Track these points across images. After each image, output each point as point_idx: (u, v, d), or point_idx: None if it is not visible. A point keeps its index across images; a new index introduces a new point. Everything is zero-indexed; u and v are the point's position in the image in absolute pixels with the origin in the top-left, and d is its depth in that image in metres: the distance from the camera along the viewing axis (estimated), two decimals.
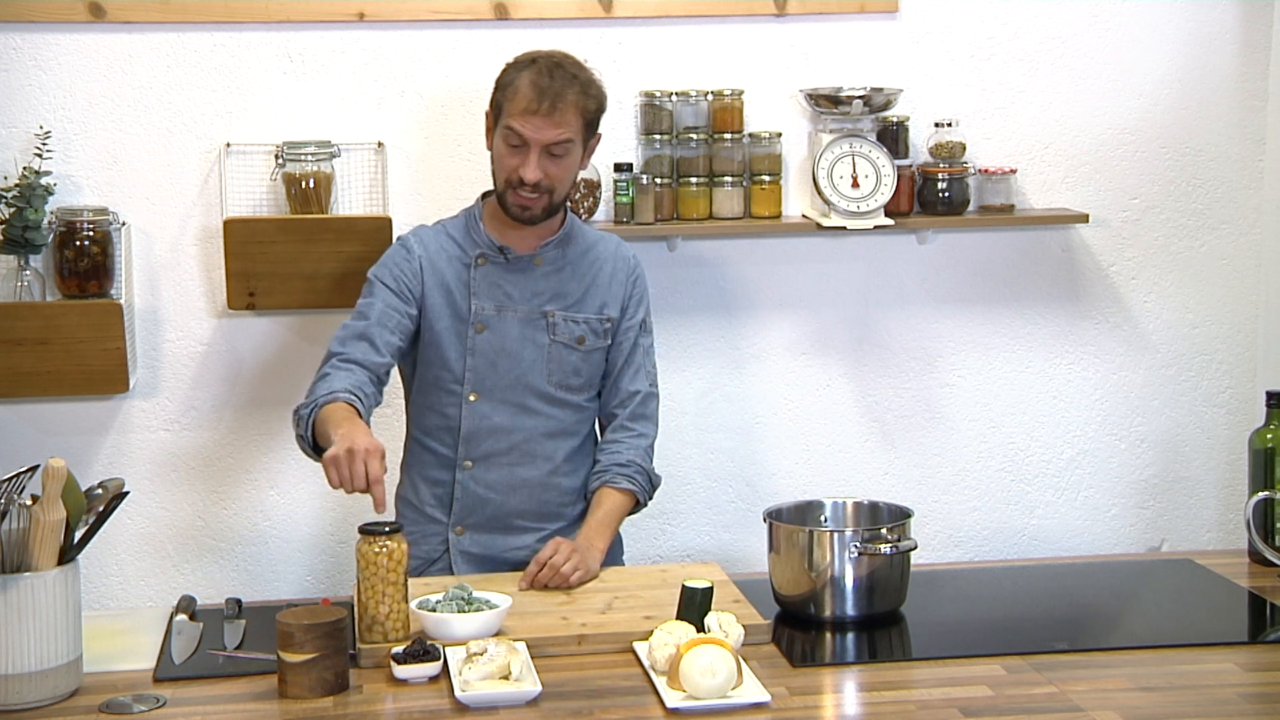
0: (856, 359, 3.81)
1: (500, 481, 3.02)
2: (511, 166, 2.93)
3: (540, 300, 3.01)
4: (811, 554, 2.66)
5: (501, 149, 2.95)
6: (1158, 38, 3.78)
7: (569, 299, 3.02)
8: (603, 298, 3.04)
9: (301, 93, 3.57)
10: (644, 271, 3.14)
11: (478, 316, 2.99)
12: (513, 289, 3.01)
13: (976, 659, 2.49)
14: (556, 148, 2.91)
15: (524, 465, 3.01)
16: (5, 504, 2.31)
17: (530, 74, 2.92)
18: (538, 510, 3.03)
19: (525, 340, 3.00)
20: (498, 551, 3.02)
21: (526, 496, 3.02)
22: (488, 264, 3.01)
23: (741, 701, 2.28)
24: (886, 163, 3.58)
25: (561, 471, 3.03)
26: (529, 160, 2.90)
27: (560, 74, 2.92)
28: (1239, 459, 3.79)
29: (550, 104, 2.88)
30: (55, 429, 3.58)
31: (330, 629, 2.35)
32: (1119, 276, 3.85)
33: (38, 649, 2.32)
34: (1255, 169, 3.84)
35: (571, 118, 2.91)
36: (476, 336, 2.99)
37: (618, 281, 3.06)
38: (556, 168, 2.93)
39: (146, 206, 3.56)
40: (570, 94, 2.90)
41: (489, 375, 3.00)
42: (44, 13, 3.47)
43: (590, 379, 3.06)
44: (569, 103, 2.90)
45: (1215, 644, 2.55)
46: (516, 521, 3.02)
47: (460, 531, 3.03)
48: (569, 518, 3.04)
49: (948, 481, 3.86)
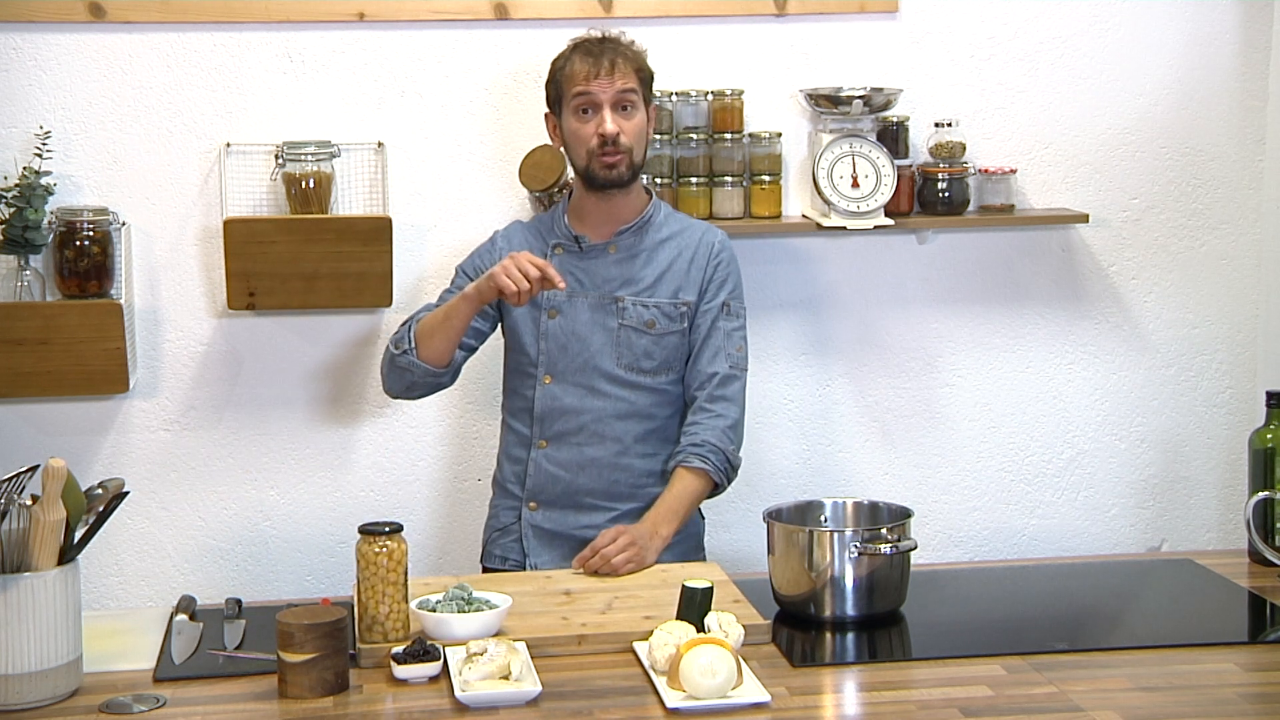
0: (856, 359, 3.81)
1: (570, 460, 3.11)
2: (589, 132, 3.06)
3: (611, 285, 3.11)
4: (811, 554, 2.66)
5: (574, 124, 3.08)
6: (1158, 38, 3.78)
7: (641, 284, 3.11)
8: (679, 283, 3.12)
9: (301, 93, 3.57)
10: (732, 257, 3.18)
11: (549, 302, 3.11)
12: (584, 276, 3.12)
13: (976, 659, 2.49)
14: (624, 99, 3.06)
15: (592, 445, 3.10)
16: (5, 504, 2.31)
17: (580, 50, 3.12)
18: (606, 490, 3.11)
19: (595, 325, 3.10)
20: (568, 528, 3.11)
21: (595, 475, 3.10)
22: (564, 253, 3.13)
23: (741, 701, 2.28)
24: (886, 163, 3.58)
25: (633, 453, 3.11)
26: (603, 115, 3.04)
27: (604, 42, 3.13)
28: (1239, 459, 3.79)
29: (609, 61, 3.06)
30: (55, 429, 3.58)
31: (330, 629, 2.35)
32: (1119, 276, 3.85)
33: (38, 649, 2.32)
34: (1255, 169, 3.84)
35: (630, 72, 3.08)
36: (549, 322, 3.11)
37: (696, 267, 3.13)
38: (629, 123, 3.06)
39: (146, 206, 3.56)
40: (621, 52, 3.10)
41: (560, 358, 3.11)
42: (44, 13, 3.47)
43: (666, 362, 3.12)
44: (624, 58, 3.08)
45: (1215, 644, 2.55)
46: (586, 500, 3.11)
47: (534, 507, 3.13)
48: (644, 499, 3.09)
49: (948, 481, 3.86)
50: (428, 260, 3.64)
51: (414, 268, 3.63)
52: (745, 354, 3.17)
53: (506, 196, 3.64)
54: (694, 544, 3.20)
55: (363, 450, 3.69)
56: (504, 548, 3.16)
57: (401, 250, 3.57)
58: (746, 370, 3.16)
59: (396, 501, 3.70)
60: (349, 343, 3.66)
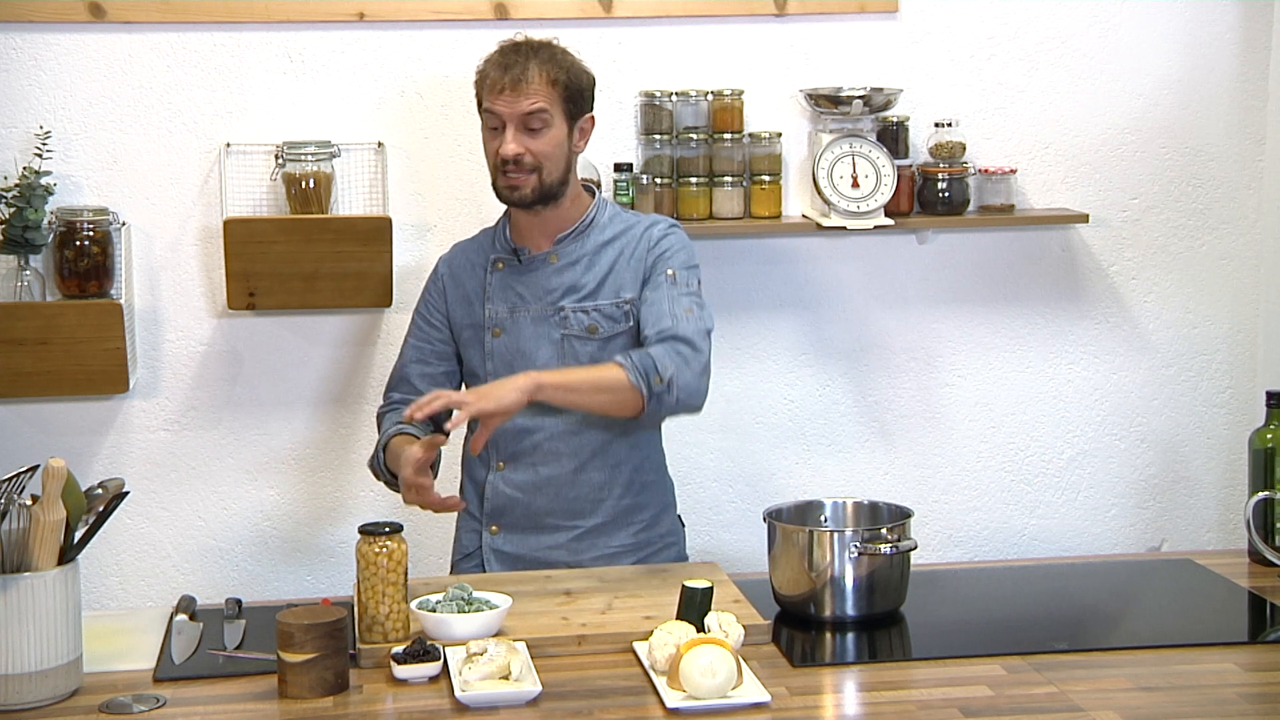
0: (856, 359, 3.81)
1: (526, 481, 3.00)
2: (493, 149, 2.94)
3: (554, 296, 2.99)
4: (811, 554, 2.66)
5: (485, 136, 2.98)
6: (1158, 38, 3.78)
7: (583, 291, 2.98)
8: (619, 282, 2.99)
9: (301, 93, 3.57)
10: (678, 241, 3.00)
11: (492, 321, 3.02)
12: (525, 289, 3.01)
13: (976, 659, 2.49)
14: (532, 119, 2.90)
15: (547, 464, 2.99)
16: (5, 504, 2.31)
17: (495, 57, 2.96)
18: (566, 508, 3.00)
19: (539, 338, 2.99)
20: (530, 550, 3.01)
21: (553, 495, 3.00)
22: (505, 268, 3.03)
23: (741, 701, 2.28)
24: (886, 163, 3.58)
25: (591, 467, 3.00)
26: (506, 135, 2.91)
27: (522, 49, 2.95)
28: (1239, 459, 3.80)
29: (515, 77, 2.90)
30: (55, 429, 3.58)
31: (330, 629, 2.35)
32: (1119, 276, 3.85)
33: (38, 649, 2.32)
34: (1255, 169, 3.84)
35: (539, 87, 2.90)
36: (494, 341, 3.02)
37: (636, 260, 2.99)
38: (537, 142, 2.91)
39: (146, 206, 3.56)
40: (533, 65, 2.92)
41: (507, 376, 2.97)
42: (44, 13, 3.47)
43: None
44: (533, 73, 2.91)
45: (1215, 644, 2.55)
46: (546, 520, 3.01)
47: (494, 531, 3.03)
48: (606, 513, 3.01)
49: (948, 481, 3.86)
50: (428, 260, 3.64)
51: (414, 268, 3.63)
52: (700, 315, 2.92)
53: None
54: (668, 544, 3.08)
55: (363, 450, 3.68)
56: (468, 573, 3.04)
57: (401, 250, 3.57)
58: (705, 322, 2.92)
59: (396, 501, 3.69)
60: (349, 343, 3.66)
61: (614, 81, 3.63)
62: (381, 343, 3.65)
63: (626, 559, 3.01)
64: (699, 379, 2.88)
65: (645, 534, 3.05)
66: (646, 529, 3.05)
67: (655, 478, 3.08)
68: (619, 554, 3.01)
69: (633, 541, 3.03)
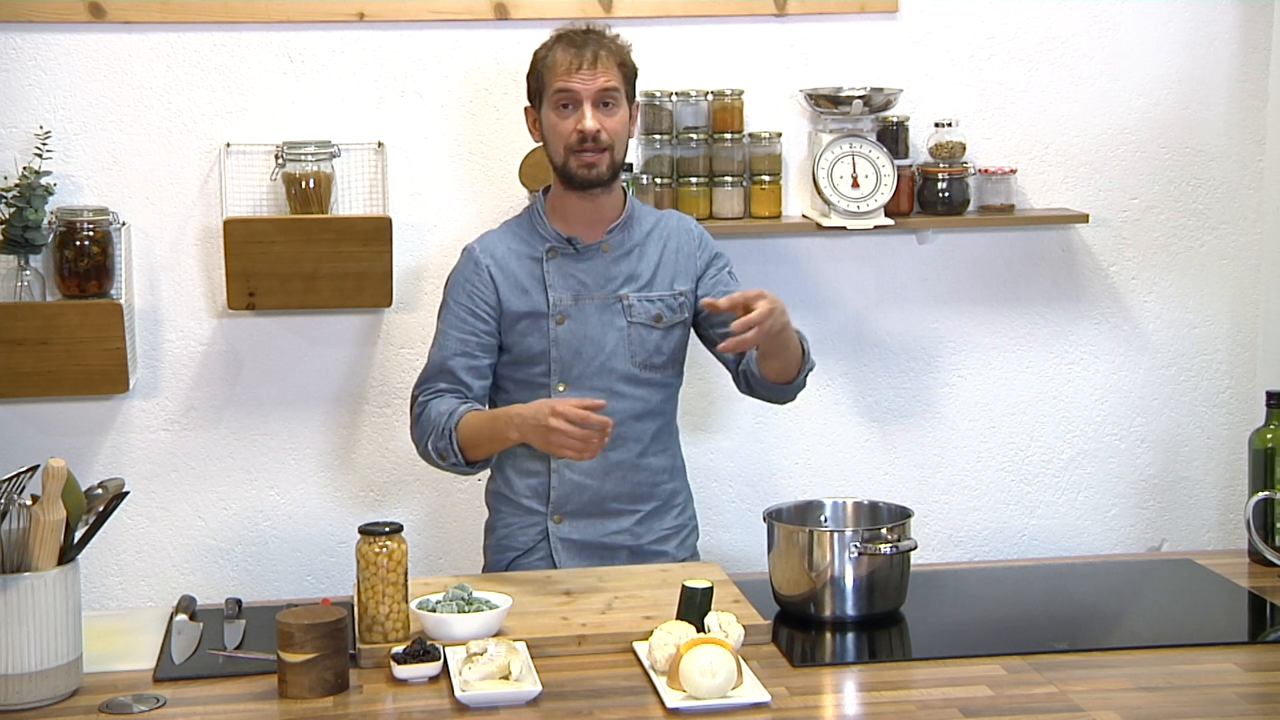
0: (856, 359, 3.81)
1: (594, 467, 3.03)
2: (568, 128, 2.96)
3: (614, 285, 3.04)
4: (811, 554, 2.66)
5: (553, 119, 2.99)
6: (1158, 38, 3.78)
7: (641, 280, 3.05)
8: (672, 273, 3.07)
9: (301, 93, 3.57)
10: (706, 233, 3.16)
11: (557, 308, 3.02)
12: (586, 277, 3.03)
13: (976, 659, 2.49)
14: (606, 96, 2.96)
15: (615, 449, 3.02)
16: (5, 504, 2.31)
17: (562, 42, 3.01)
18: (631, 492, 3.06)
19: (605, 325, 3.03)
20: (596, 536, 3.05)
21: (620, 479, 3.05)
22: (558, 256, 3.04)
23: (741, 701, 2.28)
24: (886, 163, 3.58)
25: (651, 451, 3.07)
26: (584, 112, 2.95)
27: (589, 33, 3.02)
28: (1239, 459, 3.80)
29: (591, 55, 2.96)
30: (55, 429, 3.58)
31: (330, 629, 2.35)
32: (1119, 276, 3.85)
33: (38, 649, 2.32)
34: (1255, 169, 3.84)
35: (612, 67, 2.98)
36: (558, 328, 3.02)
37: (685, 255, 3.09)
38: (610, 120, 2.97)
39: (146, 206, 3.56)
40: (605, 46, 2.99)
41: (574, 364, 3.02)
42: (44, 13, 3.47)
43: (672, 356, 3.08)
44: (607, 52, 2.98)
45: (1215, 644, 2.55)
46: (612, 505, 3.05)
47: (559, 520, 3.05)
48: (661, 496, 3.08)
49: (948, 481, 3.86)
50: (428, 260, 3.64)
51: (414, 268, 3.63)
52: None
53: (506, 196, 3.64)
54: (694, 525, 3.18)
55: (363, 450, 3.69)
56: (530, 567, 3.04)
57: (401, 250, 3.57)
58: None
59: (396, 501, 3.70)
60: (349, 343, 3.66)
61: None
62: (381, 343, 3.65)
63: (672, 540, 3.10)
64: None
65: (683, 516, 3.15)
66: (682, 511, 3.15)
67: (682, 461, 3.19)
68: (668, 536, 3.10)
69: (675, 524, 3.12)
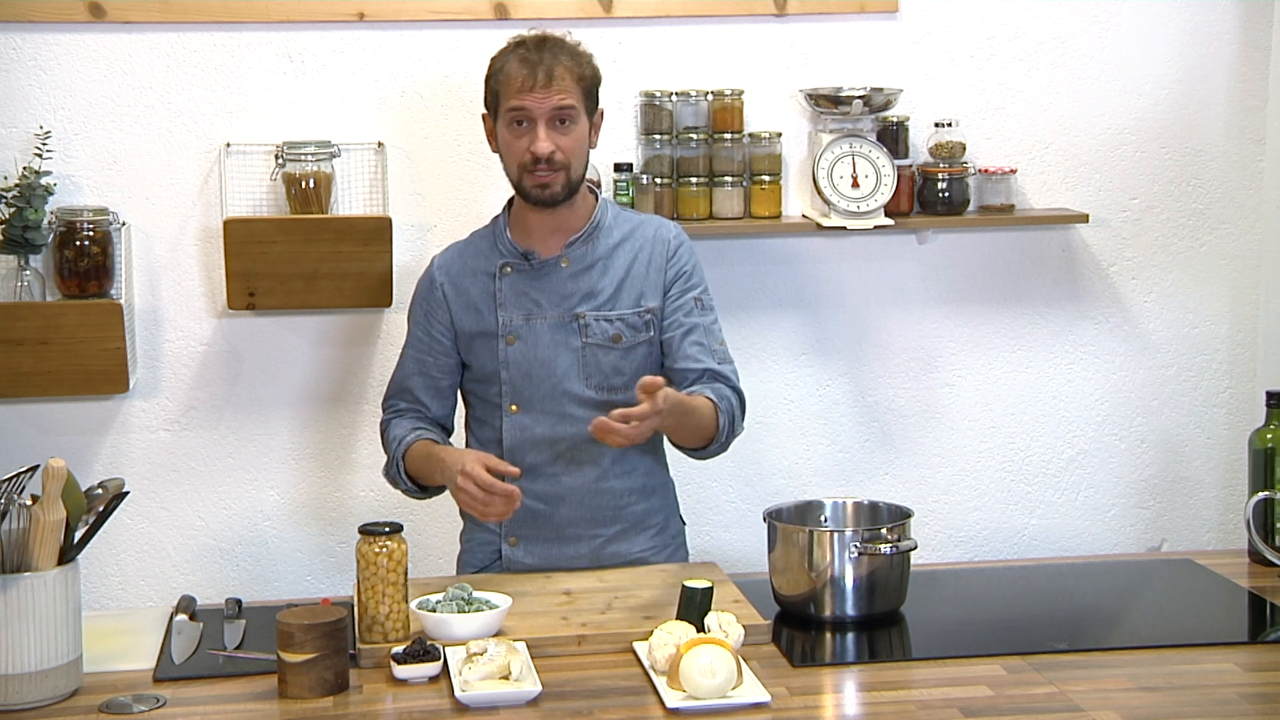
0: (856, 359, 3.81)
1: (548, 492, 2.94)
2: (521, 148, 2.87)
3: (570, 303, 2.92)
4: (811, 554, 2.66)
5: (508, 136, 2.90)
6: (1158, 38, 3.78)
7: (601, 297, 2.92)
8: (639, 289, 2.94)
9: (301, 93, 3.57)
10: (691, 248, 3.00)
11: (506, 328, 2.94)
12: (540, 295, 2.93)
13: (976, 659, 2.49)
14: (562, 113, 2.86)
15: (570, 474, 2.94)
16: (5, 504, 2.31)
17: (518, 54, 2.90)
18: (591, 517, 2.95)
19: (558, 346, 2.92)
20: (552, 562, 2.95)
21: (576, 505, 2.94)
22: (514, 273, 2.95)
23: (741, 701, 2.28)
24: (886, 163, 3.58)
25: (613, 474, 2.95)
26: (537, 133, 2.85)
27: (547, 45, 2.90)
28: (1239, 459, 3.80)
29: (545, 73, 2.85)
30: (55, 429, 3.58)
31: (330, 629, 2.35)
32: (1119, 276, 3.85)
33: (38, 649, 2.32)
34: (1255, 169, 3.84)
35: (569, 84, 2.87)
36: (508, 349, 2.94)
37: (655, 268, 2.95)
38: (566, 139, 2.87)
39: (146, 206, 3.56)
40: (561, 61, 2.88)
41: (525, 386, 2.94)
42: (44, 13, 3.47)
43: (635, 375, 2.87)
44: (563, 68, 2.87)
45: (1215, 644, 2.55)
46: (569, 530, 2.95)
47: (514, 543, 2.97)
48: (628, 519, 2.97)
49: (948, 481, 3.86)
50: (427, 260, 3.63)
51: (414, 268, 3.62)
52: (727, 348, 2.98)
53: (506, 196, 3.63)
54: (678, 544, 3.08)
55: (363, 450, 3.69)
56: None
57: (401, 250, 3.57)
58: (737, 375, 2.97)
59: (396, 501, 3.70)
60: (349, 343, 3.66)
61: (614, 81, 3.62)
62: (381, 343, 3.65)
63: (644, 565, 2.97)
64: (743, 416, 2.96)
65: (659, 537, 3.03)
66: (660, 532, 3.03)
67: (662, 479, 3.07)
68: (638, 560, 2.98)
69: (650, 545, 3.01)
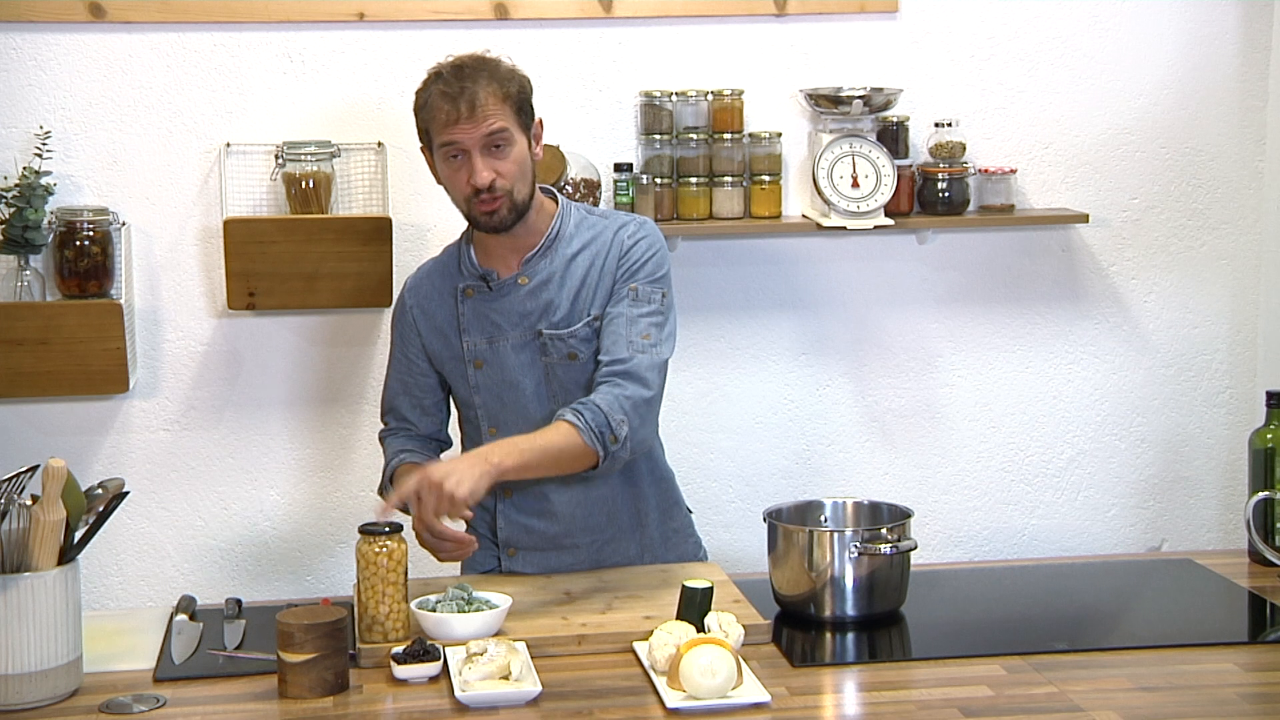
0: (856, 359, 3.81)
1: (537, 508, 2.93)
2: (462, 181, 2.80)
3: (530, 321, 2.87)
4: (811, 554, 2.66)
5: (446, 170, 2.83)
6: (1158, 38, 3.78)
7: (559, 312, 2.86)
8: (589, 298, 2.87)
9: (301, 93, 3.57)
10: (651, 243, 2.89)
11: (471, 353, 2.92)
12: (500, 318, 2.89)
13: (976, 659, 2.49)
14: (494, 139, 2.78)
15: (556, 490, 2.92)
16: (5, 504, 2.31)
17: (438, 87, 2.80)
18: (583, 525, 2.94)
19: (523, 367, 2.90)
20: (551, 569, 2.94)
21: (568, 518, 2.93)
22: (474, 295, 2.92)
23: (741, 701, 2.28)
24: (886, 163, 3.58)
25: (601, 482, 2.93)
26: (474, 164, 2.77)
27: (465, 72, 2.80)
28: (1239, 459, 3.80)
29: (469, 103, 2.75)
30: (55, 429, 3.58)
31: (330, 629, 2.35)
32: (1119, 276, 3.85)
33: (38, 649, 2.32)
34: (1255, 169, 3.84)
35: (495, 107, 2.76)
36: (476, 373, 2.92)
37: (606, 272, 2.87)
38: (504, 163, 2.78)
39: (146, 206, 3.56)
40: (481, 85, 2.78)
41: (498, 410, 2.93)
42: (44, 13, 3.47)
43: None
44: (485, 93, 2.77)
45: (1215, 644, 2.55)
46: (565, 540, 2.94)
47: (512, 553, 2.97)
48: (623, 520, 2.96)
49: (948, 481, 3.86)
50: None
51: (414, 268, 3.62)
52: (657, 341, 2.83)
53: None
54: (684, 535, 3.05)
55: (362, 450, 3.69)
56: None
57: (401, 250, 3.57)
58: (661, 354, 2.82)
59: None
60: (349, 343, 3.66)
61: (614, 81, 3.63)
62: (381, 342, 3.65)
63: (645, 560, 2.97)
64: (650, 426, 2.83)
65: (658, 531, 3.01)
66: (660, 525, 3.01)
67: (657, 473, 3.03)
68: (638, 556, 2.97)
69: (651, 539, 2.99)
